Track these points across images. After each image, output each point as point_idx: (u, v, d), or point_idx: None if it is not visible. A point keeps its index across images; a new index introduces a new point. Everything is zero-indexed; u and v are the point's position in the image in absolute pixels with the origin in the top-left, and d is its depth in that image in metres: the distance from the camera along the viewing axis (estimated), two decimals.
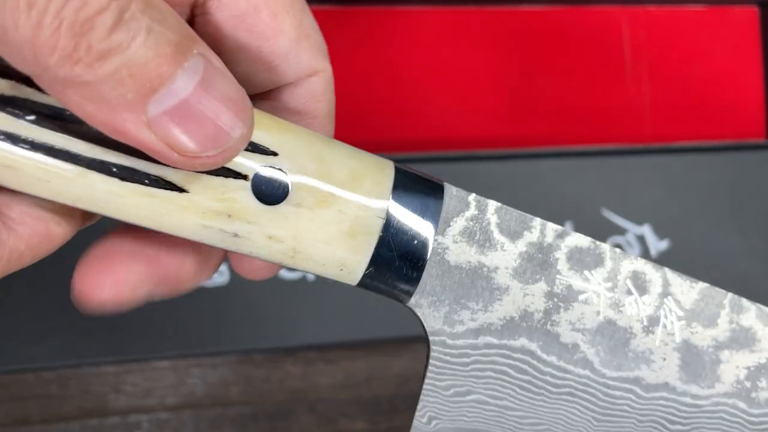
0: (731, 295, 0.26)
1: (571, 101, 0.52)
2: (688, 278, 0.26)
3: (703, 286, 0.26)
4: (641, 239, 0.48)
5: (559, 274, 0.24)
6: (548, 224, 0.24)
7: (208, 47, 0.19)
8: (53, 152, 0.19)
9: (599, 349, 0.24)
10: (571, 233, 0.25)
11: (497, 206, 0.24)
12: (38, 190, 0.20)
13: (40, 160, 0.19)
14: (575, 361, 0.24)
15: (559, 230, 0.24)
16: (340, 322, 0.44)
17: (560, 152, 0.48)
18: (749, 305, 0.26)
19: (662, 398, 0.25)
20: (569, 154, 0.48)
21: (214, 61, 0.19)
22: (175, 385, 0.43)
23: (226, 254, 0.24)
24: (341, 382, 0.45)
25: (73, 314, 0.40)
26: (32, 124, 0.19)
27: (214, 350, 0.43)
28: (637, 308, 0.25)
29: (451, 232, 0.23)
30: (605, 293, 0.25)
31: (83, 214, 0.22)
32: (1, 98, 0.19)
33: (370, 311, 0.44)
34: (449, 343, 0.24)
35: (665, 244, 0.49)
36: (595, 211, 0.48)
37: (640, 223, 0.49)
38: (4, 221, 0.20)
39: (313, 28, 0.24)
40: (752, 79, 0.55)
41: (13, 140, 0.19)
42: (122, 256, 0.22)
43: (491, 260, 0.24)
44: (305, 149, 0.22)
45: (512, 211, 0.24)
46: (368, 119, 0.49)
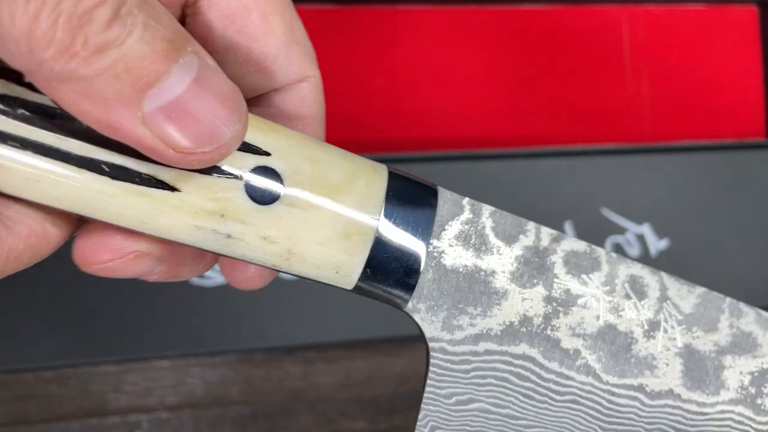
0: (729, 299, 0.26)
1: (570, 100, 0.52)
2: (685, 282, 0.25)
3: (701, 290, 0.25)
4: (641, 238, 0.48)
5: (556, 278, 0.24)
6: (543, 228, 0.24)
7: (200, 46, 0.19)
8: (43, 150, 0.19)
9: (601, 354, 0.24)
10: (566, 237, 0.25)
11: (492, 210, 0.24)
12: (28, 191, 0.19)
13: (29, 158, 0.19)
14: (577, 367, 0.24)
15: (554, 234, 0.24)
16: (339, 321, 0.44)
17: (560, 151, 0.48)
18: (748, 309, 0.26)
19: (668, 406, 0.25)
20: (569, 153, 0.48)
21: (207, 59, 0.19)
22: (174, 384, 0.43)
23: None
24: (341, 381, 0.45)
25: (73, 314, 0.40)
26: (22, 122, 0.19)
27: (213, 350, 0.43)
28: (636, 312, 0.24)
29: (446, 235, 0.23)
30: (604, 297, 0.24)
31: (80, 216, 0.21)
32: None
33: (369, 311, 0.44)
34: (449, 349, 0.23)
35: (665, 243, 0.49)
36: (594, 210, 0.48)
37: (639, 222, 0.49)
38: (2, 220, 0.20)
39: (302, 33, 0.24)
40: (752, 78, 0.55)
41: (1, 138, 0.19)
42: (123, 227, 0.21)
43: (488, 264, 0.23)
44: (298, 150, 0.21)
45: (506, 215, 0.24)
46: (367, 118, 0.49)
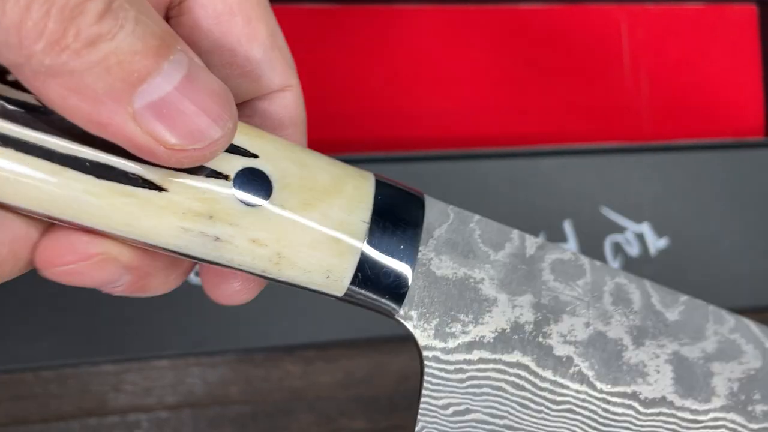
0: (712, 306, 0.26)
1: (569, 99, 0.52)
2: (669, 290, 0.26)
3: (684, 298, 0.26)
4: (640, 237, 0.48)
5: (544, 285, 0.24)
6: (527, 236, 0.24)
7: (188, 46, 0.19)
8: (26, 147, 0.18)
9: (593, 362, 0.24)
10: (550, 245, 0.25)
11: (478, 218, 0.24)
12: (7, 192, 0.19)
13: (11, 156, 0.18)
14: (571, 375, 0.24)
15: (539, 242, 0.24)
16: (339, 320, 0.44)
17: (559, 150, 0.48)
18: (729, 316, 0.26)
19: (662, 414, 0.25)
20: (568, 152, 0.48)
21: (195, 58, 0.19)
22: (174, 384, 0.43)
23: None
24: (341, 380, 0.45)
25: (72, 313, 0.40)
26: (3, 119, 0.18)
27: (213, 349, 0.43)
28: (624, 320, 0.25)
29: (434, 242, 0.23)
30: (592, 304, 0.24)
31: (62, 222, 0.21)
32: None
33: (369, 310, 0.44)
34: (443, 358, 0.23)
35: (664, 242, 0.49)
36: (594, 209, 0.48)
37: (639, 221, 0.49)
38: None
39: (283, 41, 0.24)
40: (751, 77, 0.55)
41: None
42: (88, 233, 0.20)
43: (477, 271, 0.23)
44: (286, 154, 0.21)
45: (492, 222, 0.24)
46: (366, 118, 0.49)
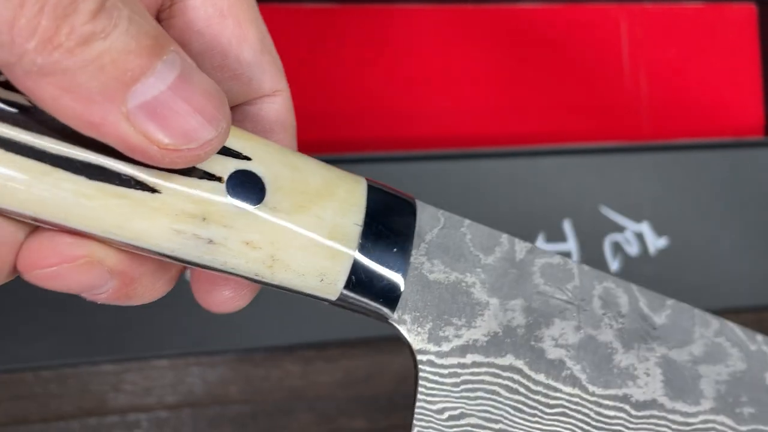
0: (697, 310, 0.26)
1: (569, 98, 0.52)
2: (655, 294, 0.26)
3: (670, 302, 0.26)
4: (640, 236, 0.48)
5: (535, 289, 0.24)
6: (516, 240, 0.25)
7: (180, 47, 0.18)
8: (16, 148, 0.18)
9: (585, 365, 0.24)
10: (539, 249, 0.25)
11: (468, 222, 0.24)
12: None
13: (0, 157, 0.18)
14: (563, 378, 0.24)
15: (528, 246, 0.25)
16: (339, 320, 0.44)
17: (558, 150, 0.48)
18: (713, 320, 0.27)
19: (653, 416, 0.25)
20: (567, 151, 0.48)
21: (188, 59, 0.18)
22: (174, 383, 0.43)
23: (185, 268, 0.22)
24: (340, 380, 0.45)
25: (72, 313, 0.40)
26: None
27: (213, 349, 0.43)
28: (613, 323, 0.25)
29: (426, 247, 0.23)
30: (582, 308, 0.25)
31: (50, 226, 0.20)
32: None
33: None
34: (437, 362, 0.23)
35: (664, 241, 0.49)
36: (593, 208, 0.48)
37: (638, 220, 0.49)
38: None
39: (272, 46, 0.24)
40: (750, 76, 0.55)
41: None
42: (72, 235, 0.20)
43: (468, 275, 0.24)
44: (278, 157, 0.21)
45: (481, 227, 0.24)
46: (366, 117, 0.49)
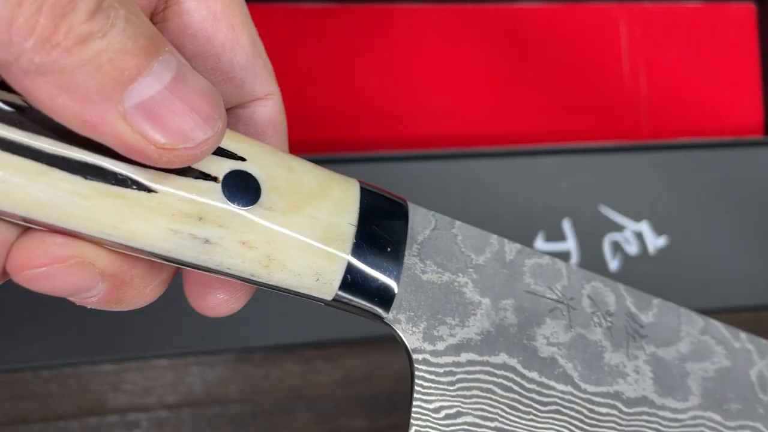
0: (683, 309, 0.27)
1: (568, 98, 0.52)
2: (642, 293, 0.27)
3: (657, 301, 0.27)
4: (639, 236, 0.48)
5: (526, 288, 0.25)
6: (506, 241, 0.25)
7: (175, 49, 0.19)
8: (11, 148, 0.18)
9: (576, 363, 0.25)
10: (528, 250, 0.25)
11: (459, 224, 0.25)
12: None
13: None
14: (556, 376, 0.25)
15: (517, 247, 0.25)
16: (338, 319, 0.44)
17: (558, 149, 0.48)
18: (699, 319, 0.27)
19: (644, 413, 0.25)
20: (567, 151, 0.48)
21: (183, 60, 0.19)
22: (173, 383, 0.43)
23: (177, 269, 0.22)
24: (340, 379, 0.45)
25: (72, 313, 0.40)
26: None
27: (212, 348, 0.43)
28: (603, 321, 0.26)
29: (418, 247, 0.24)
30: (571, 307, 0.25)
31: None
32: None
33: None
34: (432, 361, 0.24)
35: (663, 240, 0.49)
36: (592, 208, 0.48)
37: (638, 219, 0.49)
38: None
39: (263, 50, 0.24)
40: (749, 75, 0.55)
41: None
42: (64, 236, 0.20)
43: (461, 275, 0.24)
44: (272, 158, 0.22)
45: (471, 228, 0.25)
46: (366, 117, 0.49)
